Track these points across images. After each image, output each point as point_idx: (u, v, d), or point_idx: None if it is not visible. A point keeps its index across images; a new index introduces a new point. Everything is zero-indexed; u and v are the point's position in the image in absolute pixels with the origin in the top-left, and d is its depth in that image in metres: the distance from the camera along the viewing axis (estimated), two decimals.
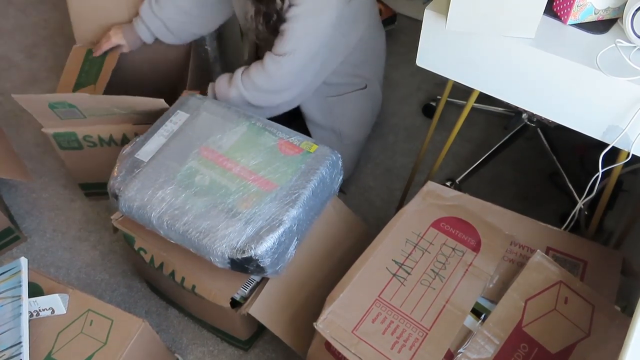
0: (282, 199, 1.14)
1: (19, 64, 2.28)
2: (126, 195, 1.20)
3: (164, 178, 1.20)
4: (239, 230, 1.11)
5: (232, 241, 1.10)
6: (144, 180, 1.20)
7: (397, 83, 2.22)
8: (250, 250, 1.08)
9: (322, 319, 1.04)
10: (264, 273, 1.15)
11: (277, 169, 1.20)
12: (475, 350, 1.00)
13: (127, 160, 1.25)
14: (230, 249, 1.09)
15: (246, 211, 1.13)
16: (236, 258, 1.10)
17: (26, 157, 1.92)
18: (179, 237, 1.16)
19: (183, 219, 1.14)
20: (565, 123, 1.08)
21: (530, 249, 1.17)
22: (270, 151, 1.23)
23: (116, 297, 1.58)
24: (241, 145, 1.25)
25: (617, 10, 1.05)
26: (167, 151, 1.25)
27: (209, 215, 1.13)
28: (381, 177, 1.89)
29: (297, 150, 1.23)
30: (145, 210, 1.17)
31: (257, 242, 1.09)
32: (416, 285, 1.09)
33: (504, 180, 1.88)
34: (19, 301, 1.05)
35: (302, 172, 1.19)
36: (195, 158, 1.23)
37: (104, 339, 1.07)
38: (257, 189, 1.16)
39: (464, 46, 1.10)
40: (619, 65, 0.97)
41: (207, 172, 1.20)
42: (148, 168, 1.23)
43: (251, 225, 1.11)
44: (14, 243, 1.67)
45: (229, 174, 1.20)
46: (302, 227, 1.19)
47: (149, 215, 1.17)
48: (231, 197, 1.16)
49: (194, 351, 1.48)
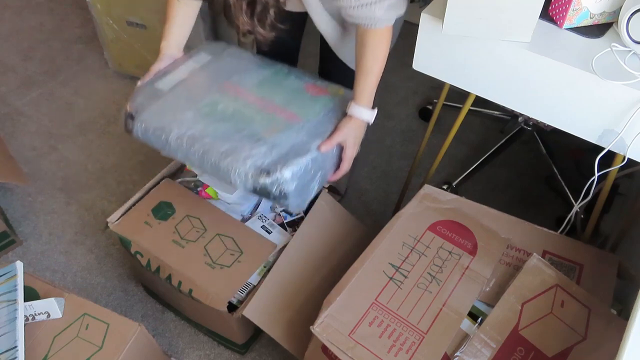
0: (309, 130, 1.10)
1: (15, 68, 2.28)
2: (143, 117, 1.14)
3: (185, 105, 1.14)
4: (264, 153, 1.04)
5: (257, 162, 1.03)
6: (163, 105, 1.15)
7: (393, 86, 2.22)
8: (276, 172, 1.02)
9: (319, 322, 1.03)
10: (286, 201, 1.08)
11: (304, 105, 1.15)
12: (471, 354, 1.00)
13: (146, 88, 1.20)
14: (255, 169, 1.03)
15: (271, 137, 1.07)
16: (261, 180, 1.03)
17: (22, 161, 1.92)
18: (197, 159, 1.10)
19: (203, 140, 1.08)
20: (561, 127, 1.09)
21: (527, 252, 1.17)
22: (296, 91, 1.18)
23: (112, 301, 1.57)
24: (266, 84, 1.20)
25: (612, 15, 1.05)
26: (188, 83, 1.20)
27: (232, 139, 1.07)
28: (378, 181, 1.89)
29: (324, 92, 1.19)
30: (164, 131, 1.11)
31: (284, 164, 1.02)
32: (413, 289, 1.09)
33: (500, 183, 1.89)
34: (14, 305, 1.04)
35: (330, 109, 1.15)
36: (218, 91, 1.17)
37: (99, 343, 1.07)
38: (283, 120, 1.11)
39: (460, 50, 1.10)
40: (614, 69, 0.97)
41: (230, 103, 1.15)
42: (168, 96, 1.17)
43: (277, 149, 1.05)
44: (10, 247, 1.66)
45: (253, 106, 1.14)
46: (327, 166, 1.14)
47: (167, 137, 1.11)
48: (256, 125, 1.10)
49: (191, 355, 1.47)
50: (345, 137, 1.15)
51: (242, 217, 1.39)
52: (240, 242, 1.30)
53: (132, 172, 1.90)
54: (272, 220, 1.39)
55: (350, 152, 1.18)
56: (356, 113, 1.16)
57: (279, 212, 1.41)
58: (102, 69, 2.28)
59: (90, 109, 2.12)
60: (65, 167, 1.91)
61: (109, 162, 1.93)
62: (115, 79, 2.24)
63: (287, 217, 1.40)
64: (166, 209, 1.36)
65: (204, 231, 1.32)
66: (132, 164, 1.92)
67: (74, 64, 2.31)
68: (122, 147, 1.98)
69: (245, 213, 1.40)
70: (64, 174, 1.89)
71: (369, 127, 1.36)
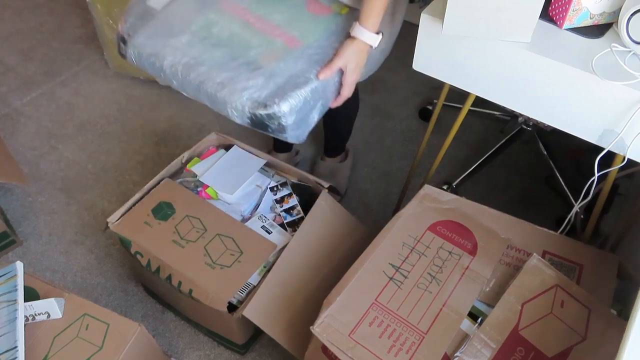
0: (310, 57, 1.04)
1: (15, 68, 2.28)
2: (136, 41, 1.09)
3: (179, 27, 1.09)
4: (261, 84, 1.00)
5: (254, 94, 0.99)
6: (156, 27, 1.10)
7: (393, 86, 2.22)
8: (274, 106, 0.98)
9: (319, 322, 1.03)
10: (285, 134, 1.04)
11: (305, 27, 1.09)
12: (471, 354, 1.00)
13: (138, 6, 1.14)
14: (252, 102, 0.99)
15: (269, 65, 1.02)
16: (258, 113, 0.99)
17: (22, 161, 1.92)
18: (193, 89, 1.06)
19: (198, 69, 1.03)
20: (561, 127, 1.09)
21: (527, 252, 1.17)
22: (297, 8, 1.12)
23: (112, 301, 1.57)
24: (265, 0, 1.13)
25: (612, 15, 1.05)
26: (182, 1, 1.13)
27: (228, 67, 1.03)
28: (378, 181, 1.89)
29: (326, 10, 1.13)
30: (157, 58, 1.07)
31: (282, 97, 0.98)
32: (413, 289, 1.09)
33: (500, 183, 1.89)
34: (14, 305, 1.04)
35: (332, 32, 1.10)
36: (214, 9, 1.11)
37: (99, 343, 1.07)
38: (282, 44, 1.06)
39: (460, 50, 1.10)
40: (614, 70, 0.97)
41: (227, 24, 1.10)
42: (161, 16, 1.11)
43: (275, 80, 1.01)
44: (10, 247, 1.66)
45: (251, 27, 1.09)
46: (327, 94, 1.09)
47: (161, 64, 1.06)
48: (253, 51, 1.05)
49: (191, 355, 1.47)
50: (346, 62, 1.09)
51: (242, 217, 1.39)
52: (240, 242, 1.30)
53: (132, 172, 1.90)
54: (272, 220, 1.39)
55: (351, 77, 1.12)
56: (360, 35, 1.09)
57: (279, 212, 1.41)
58: (102, 69, 2.28)
59: (90, 109, 2.12)
60: (65, 167, 1.91)
61: (109, 162, 1.93)
62: (115, 79, 2.24)
63: (287, 217, 1.40)
64: (166, 209, 1.36)
65: (204, 231, 1.32)
66: (132, 164, 1.92)
67: (74, 64, 2.31)
68: (122, 147, 1.98)
69: (245, 213, 1.40)
70: (64, 174, 1.89)
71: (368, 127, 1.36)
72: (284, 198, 1.44)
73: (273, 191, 1.45)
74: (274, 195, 1.44)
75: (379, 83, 2.22)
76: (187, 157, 1.50)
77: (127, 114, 2.10)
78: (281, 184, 1.46)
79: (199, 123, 2.05)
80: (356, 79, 1.15)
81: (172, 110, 2.11)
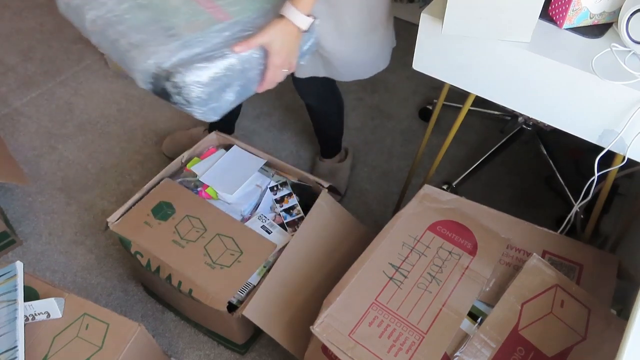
0: (234, 34, 0.99)
1: (15, 67, 2.28)
2: None
3: None
4: (172, 50, 0.95)
5: (160, 59, 0.94)
6: None
7: (393, 86, 2.22)
8: (177, 75, 0.93)
9: (319, 322, 1.03)
10: (189, 108, 0.98)
11: (238, 2, 1.04)
12: (471, 354, 1.00)
13: None
14: (156, 67, 0.94)
15: (188, 35, 0.97)
16: (160, 80, 0.95)
17: (22, 161, 1.92)
18: (108, 46, 1.02)
19: (117, 27, 0.99)
20: (561, 127, 1.09)
21: (527, 252, 1.17)
22: None
23: (112, 301, 1.57)
24: None
25: (612, 15, 1.05)
26: None
27: (146, 30, 0.98)
28: (378, 181, 1.89)
29: None
30: (82, 10, 1.03)
31: (188, 68, 0.93)
32: (413, 289, 1.09)
33: (500, 183, 1.89)
34: (14, 305, 1.04)
35: (267, 11, 1.04)
36: None
37: (99, 343, 1.07)
38: (208, 16, 1.01)
39: (460, 50, 1.10)
40: (614, 69, 0.97)
41: None
42: None
43: (188, 50, 0.95)
44: (10, 247, 1.66)
45: None
46: (249, 75, 1.03)
47: (84, 16, 1.02)
48: (176, 18, 1.01)
49: (190, 355, 1.47)
50: (269, 40, 1.00)
51: (242, 217, 1.39)
52: (240, 242, 1.30)
53: (132, 172, 1.90)
54: (272, 220, 1.39)
55: (276, 59, 1.03)
56: (289, 14, 1.01)
57: (279, 212, 1.41)
58: (102, 69, 2.28)
59: (90, 109, 2.12)
60: (65, 167, 1.91)
61: (109, 162, 1.93)
62: (115, 79, 2.24)
63: (287, 217, 1.40)
64: (166, 209, 1.36)
65: (204, 231, 1.32)
66: (132, 164, 1.92)
67: (74, 64, 2.31)
68: (122, 147, 1.98)
69: (245, 213, 1.40)
70: (64, 174, 1.89)
71: (368, 127, 1.36)
72: (284, 198, 1.44)
73: (273, 191, 1.45)
74: (274, 195, 1.44)
75: (379, 83, 2.22)
76: (187, 157, 1.50)
77: (127, 114, 2.10)
78: (281, 184, 1.46)
79: (199, 123, 2.05)
80: (283, 63, 1.05)
81: (172, 110, 2.11)
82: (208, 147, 1.55)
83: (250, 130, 2.02)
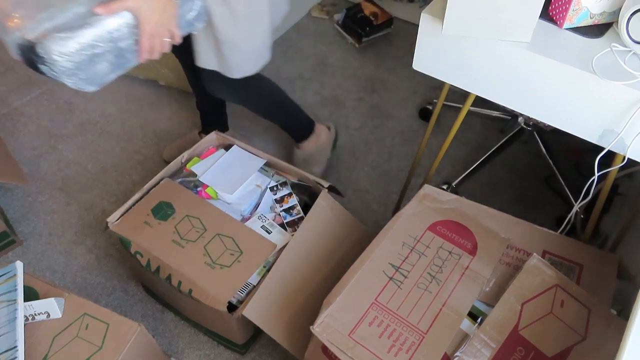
0: (107, 6, 0.97)
1: (15, 68, 2.28)
2: None
3: None
4: (39, 20, 0.94)
5: (27, 29, 0.94)
6: None
7: (393, 86, 2.22)
8: (39, 45, 0.93)
9: (319, 322, 1.03)
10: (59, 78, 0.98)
11: None
12: (471, 354, 1.00)
13: None
14: (21, 38, 0.94)
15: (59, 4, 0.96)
16: (26, 51, 0.95)
17: (22, 161, 1.92)
18: None
19: None
20: (561, 127, 1.09)
21: (527, 252, 1.17)
22: None
23: (112, 301, 1.57)
24: None
25: (612, 15, 1.05)
26: None
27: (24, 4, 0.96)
28: (378, 181, 1.89)
29: None
30: None
31: (51, 37, 0.93)
32: (413, 289, 1.09)
33: (500, 183, 1.89)
34: (14, 305, 1.04)
35: None
36: None
37: (99, 343, 1.07)
38: None
39: (460, 50, 1.10)
40: (614, 69, 0.97)
41: None
42: None
43: (52, 21, 0.95)
44: (10, 247, 1.66)
45: None
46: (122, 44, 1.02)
47: None
48: None
49: (190, 355, 1.47)
50: (135, 5, 0.98)
51: (242, 217, 1.39)
52: (240, 242, 1.30)
53: (132, 172, 1.90)
54: (272, 220, 1.39)
55: (147, 26, 1.01)
56: None
57: (279, 212, 1.41)
58: None
59: (90, 108, 2.12)
60: (65, 167, 1.91)
61: (109, 162, 1.93)
62: (115, 79, 2.24)
63: (287, 216, 1.40)
64: (166, 209, 1.36)
65: (204, 231, 1.32)
66: (132, 164, 1.92)
67: None
68: (122, 147, 1.98)
69: (245, 213, 1.40)
70: (64, 174, 1.89)
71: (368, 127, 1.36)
72: (284, 198, 1.44)
73: (273, 191, 1.45)
74: (274, 195, 1.44)
75: (378, 83, 2.22)
76: (187, 156, 1.50)
77: (127, 114, 2.10)
78: (281, 184, 1.46)
79: (199, 123, 2.05)
80: (155, 30, 1.03)
81: (172, 110, 2.11)
82: (208, 147, 1.55)
83: (250, 130, 2.02)
